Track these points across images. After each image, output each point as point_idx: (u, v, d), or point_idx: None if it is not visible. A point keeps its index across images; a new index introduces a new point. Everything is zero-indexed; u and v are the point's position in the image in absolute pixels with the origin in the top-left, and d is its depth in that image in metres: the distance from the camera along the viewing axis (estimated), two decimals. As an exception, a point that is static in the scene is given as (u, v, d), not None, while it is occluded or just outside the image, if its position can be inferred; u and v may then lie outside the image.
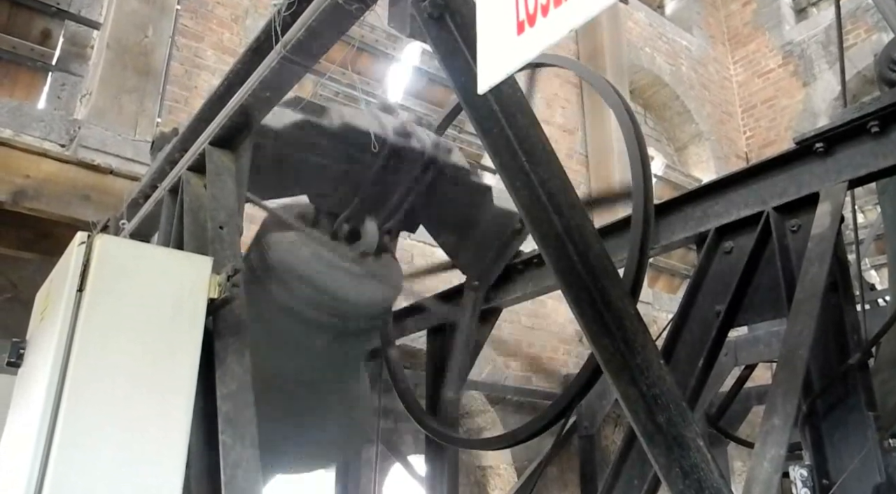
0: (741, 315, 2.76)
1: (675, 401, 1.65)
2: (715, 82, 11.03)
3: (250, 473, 1.90)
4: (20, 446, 1.90)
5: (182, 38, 5.69)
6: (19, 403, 2.15)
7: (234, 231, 2.47)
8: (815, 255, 2.43)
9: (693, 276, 2.92)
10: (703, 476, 1.57)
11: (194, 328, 2.01)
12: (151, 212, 3.20)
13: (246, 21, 6.17)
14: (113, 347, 1.89)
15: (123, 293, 1.94)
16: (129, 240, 2.50)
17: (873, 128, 2.42)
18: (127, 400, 1.86)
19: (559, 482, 6.74)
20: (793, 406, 2.16)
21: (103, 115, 4.79)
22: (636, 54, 9.75)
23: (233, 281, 2.05)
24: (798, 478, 2.29)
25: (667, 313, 7.67)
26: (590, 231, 1.73)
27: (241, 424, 1.99)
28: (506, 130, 1.70)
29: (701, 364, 2.70)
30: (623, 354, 1.66)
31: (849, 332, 2.42)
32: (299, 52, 2.20)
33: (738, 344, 5.34)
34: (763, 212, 2.72)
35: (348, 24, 2.06)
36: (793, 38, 10.68)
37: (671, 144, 10.62)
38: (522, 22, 1.26)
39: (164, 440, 1.87)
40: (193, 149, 2.80)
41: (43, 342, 2.02)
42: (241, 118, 2.58)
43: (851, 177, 2.50)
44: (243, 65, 2.58)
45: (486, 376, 6.41)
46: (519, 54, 1.28)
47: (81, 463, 1.77)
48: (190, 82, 5.64)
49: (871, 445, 2.20)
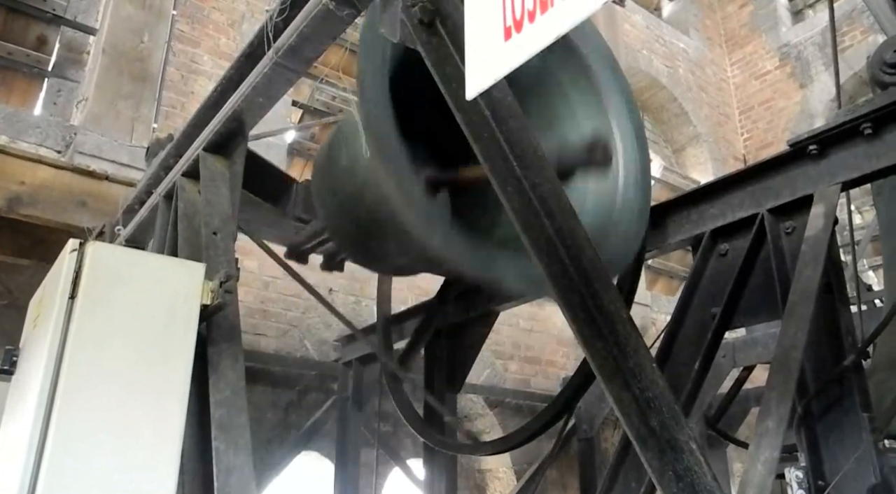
0: (737, 317, 2.76)
1: (668, 405, 1.65)
2: (712, 84, 11.04)
3: (243, 479, 1.90)
4: (13, 453, 1.90)
5: (178, 43, 5.70)
6: (12, 410, 2.15)
7: (228, 237, 2.47)
8: (809, 257, 2.43)
9: (689, 279, 2.92)
10: (697, 480, 1.57)
11: (187, 334, 2.01)
12: (147, 217, 3.20)
13: (242, 26, 6.18)
14: (106, 354, 1.89)
15: (116, 300, 1.94)
16: (120, 247, 2.51)
17: (866, 130, 2.42)
18: (120, 407, 1.86)
19: (559, 485, 6.73)
20: (786, 408, 2.16)
21: (99, 121, 4.80)
22: (633, 57, 9.77)
23: (226, 287, 2.06)
24: (793, 480, 2.28)
25: (665, 315, 7.67)
26: (581, 235, 1.73)
27: (235, 430, 1.99)
28: (496, 134, 1.69)
29: (697, 366, 2.70)
30: (615, 358, 1.66)
31: (843, 334, 2.42)
32: (292, 57, 2.20)
33: (736, 345, 5.33)
34: (758, 214, 2.72)
35: (340, 29, 2.06)
36: (789, 40, 10.70)
37: (669, 146, 10.63)
38: (509, 28, 1.26)
39: (157, 446, 1.87)
40: (188, 155, 2.81)
41: (35, 349, 2.02)
42: (235, 124, 2.59)
43: (845, 179, 2.50)
44: (237, 70, 2.58)
45: (484, 379, 6.41)
46: (507, 60, 1.29)
47: (74, 470, 1.77)
48: (186, 88, 5.64)
49: (866, 446, 2.20)
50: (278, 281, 5.44)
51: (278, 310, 5.52)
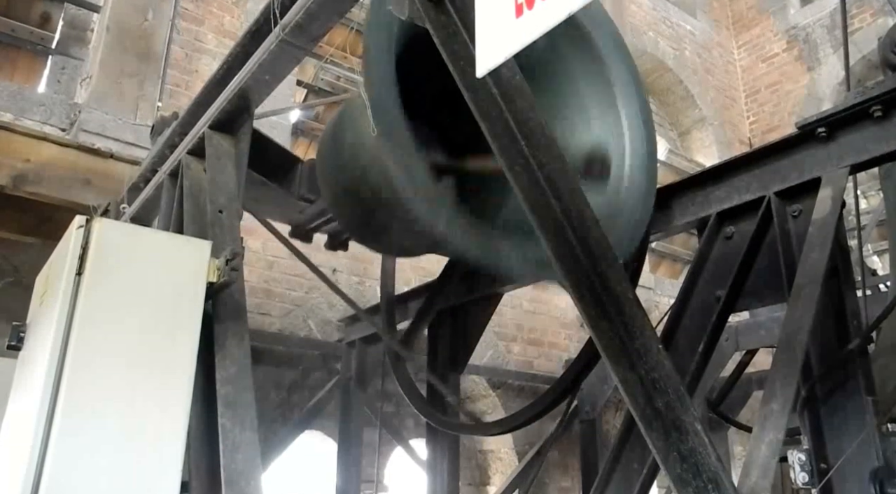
0: (742, 300, 2.76)
1: (673, 386, 1.65)
2: (719, 67, 10.96)
3: (249, 456, 1.91)
4: (21, 428, 1.91)
5: (182, 21, 5.66)
6: (20, 386, 2.16)
7: (234, 215, 2.47)
8: (815, 241, 2.42)
9: (694, 261, 2.91)
10: (701, 461, 1.58)
11: (194, 311, 2.01)
12: (152, 196, 3.20)
13: (247, 4, 6.13)
14: (112, 330, 1.90)
15: (122, 277, 1.95)
16: (127, 224, 2.51)
17: (876, 113, 2.40)
18: (126, 383, 1.87)
19: (560, 466, 6.77)
20: (791, 391, 2.16)
21: (104, 99, 4.78)
22: (639, 38, 9.69)
23: (232, 264, 2.06)
24: (796, 462, 2.29)
25: (669, 298, 7.67)
26: (589, 215, 1.73)
27: (241, 407, 2.00)
28: (504, 114, 1.68)
29: (701, 349, 2.70)
30: (622, 338, 1.66)
31: (849, 318, 2.41)
32: (298, 35, 2.19)
33: (739, 329, 5.34)
34: (764, 197, 2.71)
35: (347, 6, 2.04)
36: (798, 22, 10.60)
37: (674, 129, 10.57)
38: (521, 5, 1.25)
39: (163, 423, 1.88)
40: (193, 133, 2.80)
41: (42, 326, 2.03)
42: (241, 102, 2.58)
43: (853, 163, 2.48)
44: (242, 48, 2.57)
45: (487, 360, 6.43)
46: (517, 37, 1.27)
47: (81, 447, 1.78)
48: (191, 66, 5.61)
49: (869, 430, 2.20)
50: (282, 260, 5.44)
51: (282, 290, 5.53)
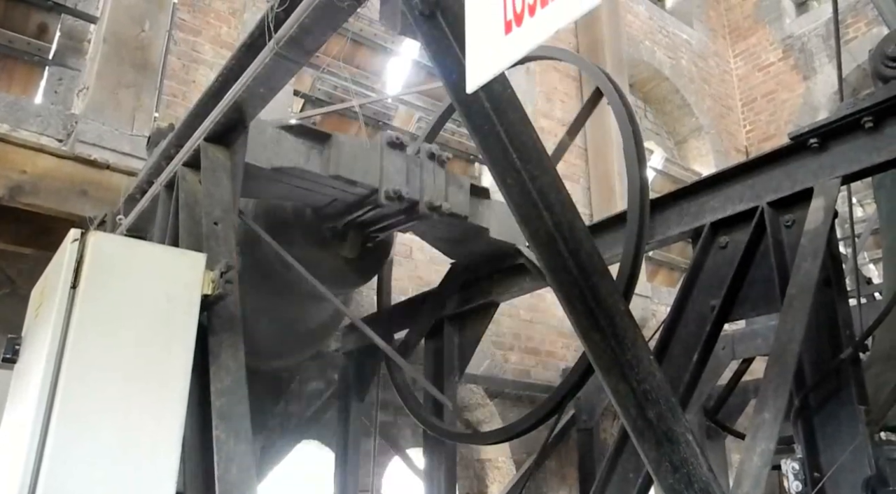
0: (736, 309, 2.77)
1: (665, 397, 1.66)
2: (715, 76, 11.00)
3: (244, 468, 1.91)
4: (16, 441, 1.91)
5: (179, 32, 5.68)
6: (15, 399, 2.16)
7: (229, 227, 2.48)
8: (808, 250, 2.44)
9: (688, 271, 2.93)
10: (693, 471, 1.59)
11: (188, 323, 2.02)
12: (148, 207, 3.21)
13: (244, 15, 6.15)
14: (107, 343, 1.90)
15: (117, 289, 1.95)
16: (122, 237, 2.51)
17: (867, 124, 2.42)
18: (121, 396, 1.88)
19: (558, 475, 6.76)
20: (783, 400, 2.17)
21: (100, 110, 4.79)
22: (636, 48, 9.73)
23: (226, 277, 2.07)
24: (790, 471, 2.30)
25: (665, 307, 7.67)
26: (580, 228, 1.74)
27: (235, 419, 2.00)
28: (496, 127, 1.70)
29: (696, 358, 2.71)
30: (613, 350, 1.67)
31: (841, 327, 2.43)
32: (292, 48, 2.20)
33: (735, 337, 5.35)
34: (758, 207, 2.73)
35: (341, 19, 2.06)
36: (793, 32, 10.65)
37: (671, 138, 10.60)
38: (510, 21, 1.27)
39: (158, 435, 1.89)
40: (188, 145, 2.81)
41: (38, 338, 2.03)
42: (236, 114, 2.59)
43: (845, 173, 2.50)
44: (237, 61, 2.58)
45: (484, 369, 6.42)
46: (507, 53, 1.29)
47: (76, 459, 1.78)
48: (188, 77, 5.63)
49: (862, 438, 2.21)
50: (279, 270, 5.43)
51: (279, 300, 5.52)
